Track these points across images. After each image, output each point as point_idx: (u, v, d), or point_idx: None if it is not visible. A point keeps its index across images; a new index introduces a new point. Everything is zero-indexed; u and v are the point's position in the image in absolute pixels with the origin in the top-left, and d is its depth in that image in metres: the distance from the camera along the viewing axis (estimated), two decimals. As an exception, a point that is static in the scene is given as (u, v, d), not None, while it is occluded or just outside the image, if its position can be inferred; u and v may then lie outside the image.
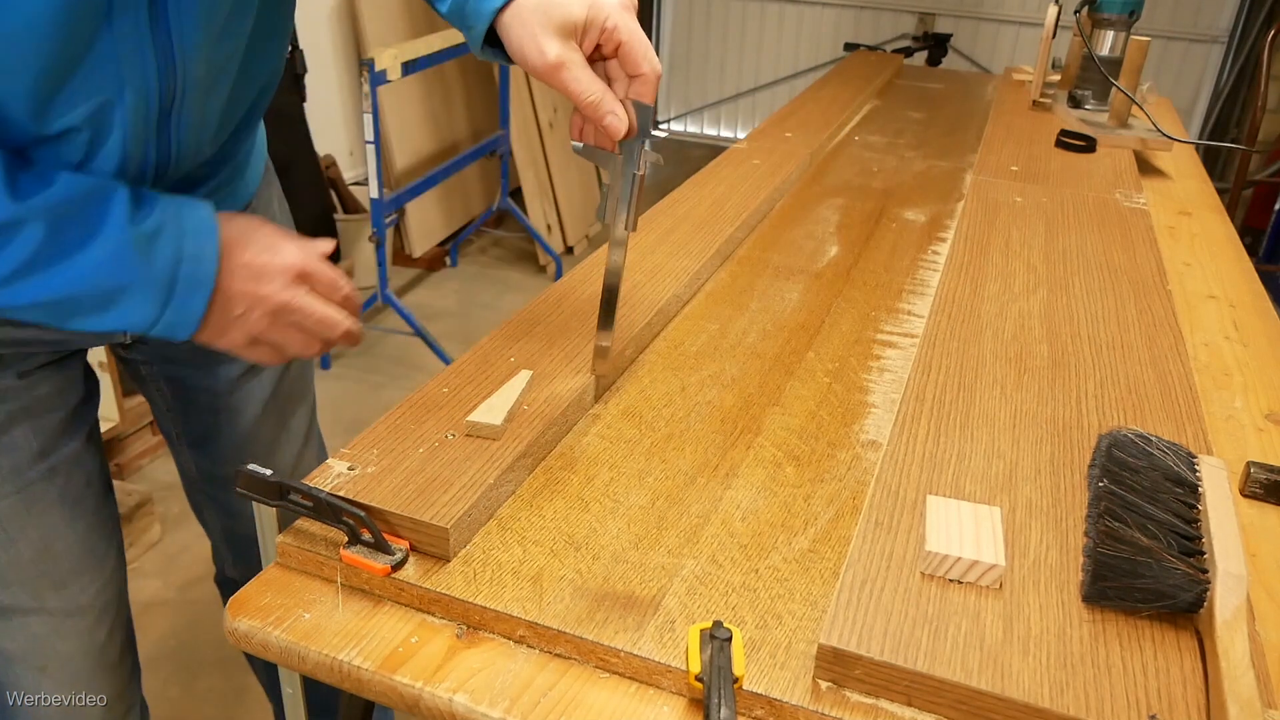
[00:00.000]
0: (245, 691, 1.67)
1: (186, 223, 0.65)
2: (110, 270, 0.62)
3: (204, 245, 0.65)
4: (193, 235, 0.65)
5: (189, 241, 0.65)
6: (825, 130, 1.64)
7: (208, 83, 0.71)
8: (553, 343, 0.85)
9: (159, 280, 0.64)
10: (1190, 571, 0.56)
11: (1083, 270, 1.06)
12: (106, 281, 0.62)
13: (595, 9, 0.67)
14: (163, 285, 0.64)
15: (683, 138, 5.32)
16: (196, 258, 0.65)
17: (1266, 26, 3.89)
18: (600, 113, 0.68)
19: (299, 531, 0.65)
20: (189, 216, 0.66)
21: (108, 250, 0.61)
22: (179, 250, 0.64)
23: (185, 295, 0.65)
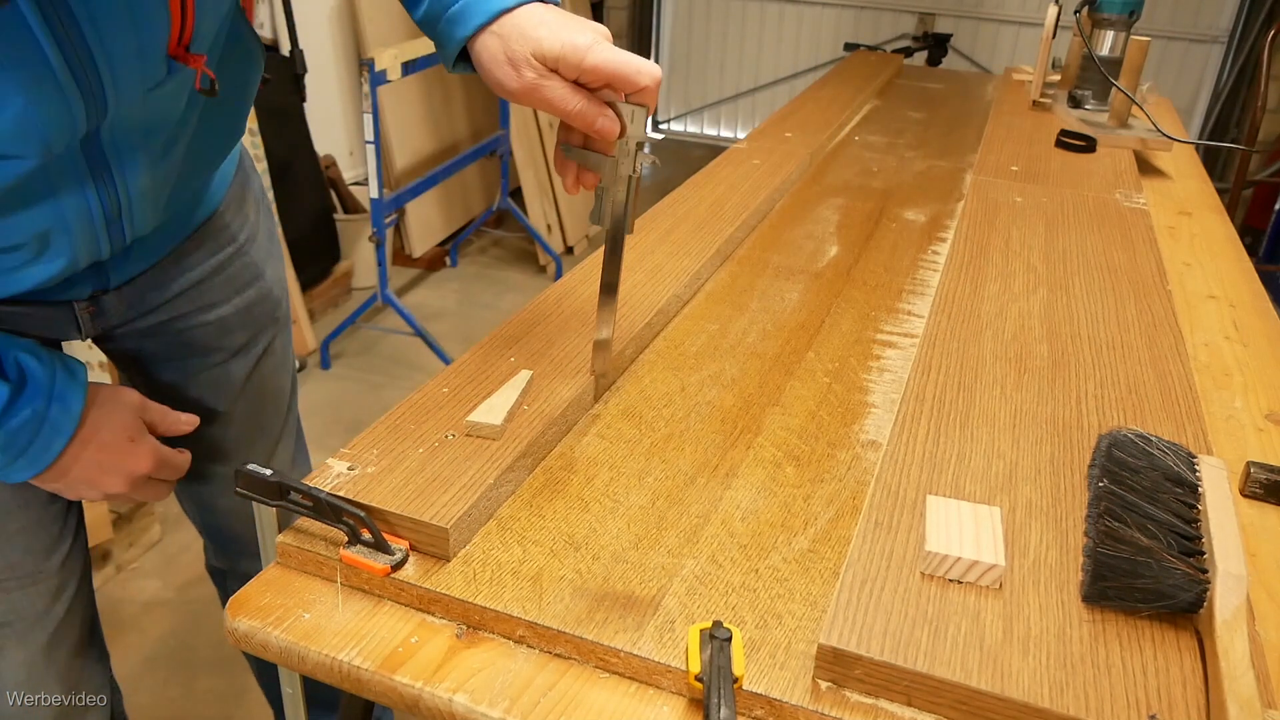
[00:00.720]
0: (245, 691, 1.67)
1: (50, 411, 0.72)
2: None
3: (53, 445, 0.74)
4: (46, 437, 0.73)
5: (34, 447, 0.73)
6: (825, 130, 1.64)
7: (154, 188, 0.75)
8: (553, 343, 0.85)
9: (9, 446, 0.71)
10: (1190, 571, 0.56)
11: (1083, 270, 1.06)
12: None
13: (570, 49, 0.65)
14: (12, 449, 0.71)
15: (683, 138, 5.32)
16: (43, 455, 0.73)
17: (1266, 26, 3.89)
18: (589, 120, 0.67)
19: (299, 531, 0.65)
20: (54, 407, 0.73)
21: None
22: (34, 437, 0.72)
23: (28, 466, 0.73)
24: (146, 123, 0.70)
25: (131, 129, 0.69)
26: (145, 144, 0.71)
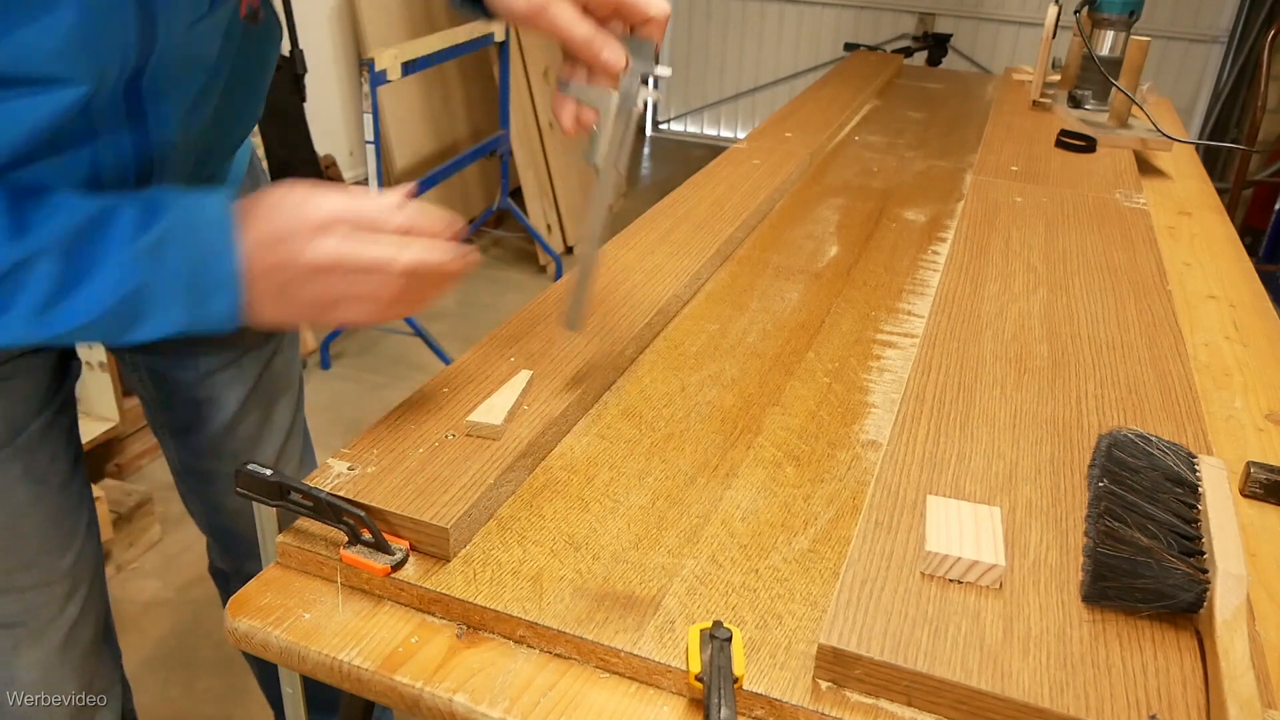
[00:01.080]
0: (245, 692, 1.67)
1: (198, 220, 0.63)
2: (124, 288, 0.61)
3: (218, 239, 0.63)
4: (206, 230, 0.63)
5: (203, 237, 0.63)
6: (825, 130, 1.64)
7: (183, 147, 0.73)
8: (553, 343, 0.85)
9: (179, 285, 0.62)
10: (1190, 571, 0.56)
11: (1083, 270, 1.06)
12: (126, 300, 0.62)
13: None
14: (185, 289, 0.63)
15: (683, 138, 5.32)
16: (214, 254, 0.63)
17: (1266, 26, 3.89)
18: (594, 49, 0.65)
19: (299, 531, 0.65)
20: (199, 214, 0.64)
21: (115, 272, 0.61)
22: (193, 250, 0.63)
23: (212, 292, 0.63)
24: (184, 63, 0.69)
25: (170, 71, 0.68)
26: (179, 92, 0.69)
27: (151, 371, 0.95)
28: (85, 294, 0.61)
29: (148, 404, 1.00)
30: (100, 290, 0.61)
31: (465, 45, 2.82)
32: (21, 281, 0.59)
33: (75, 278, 0.60)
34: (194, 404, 0.96)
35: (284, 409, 1.05)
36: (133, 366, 0.96)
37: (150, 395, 0.98)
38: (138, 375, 0.96)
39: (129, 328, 0.63)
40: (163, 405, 0.98)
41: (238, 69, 0.76)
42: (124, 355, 0.95)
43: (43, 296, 0.60)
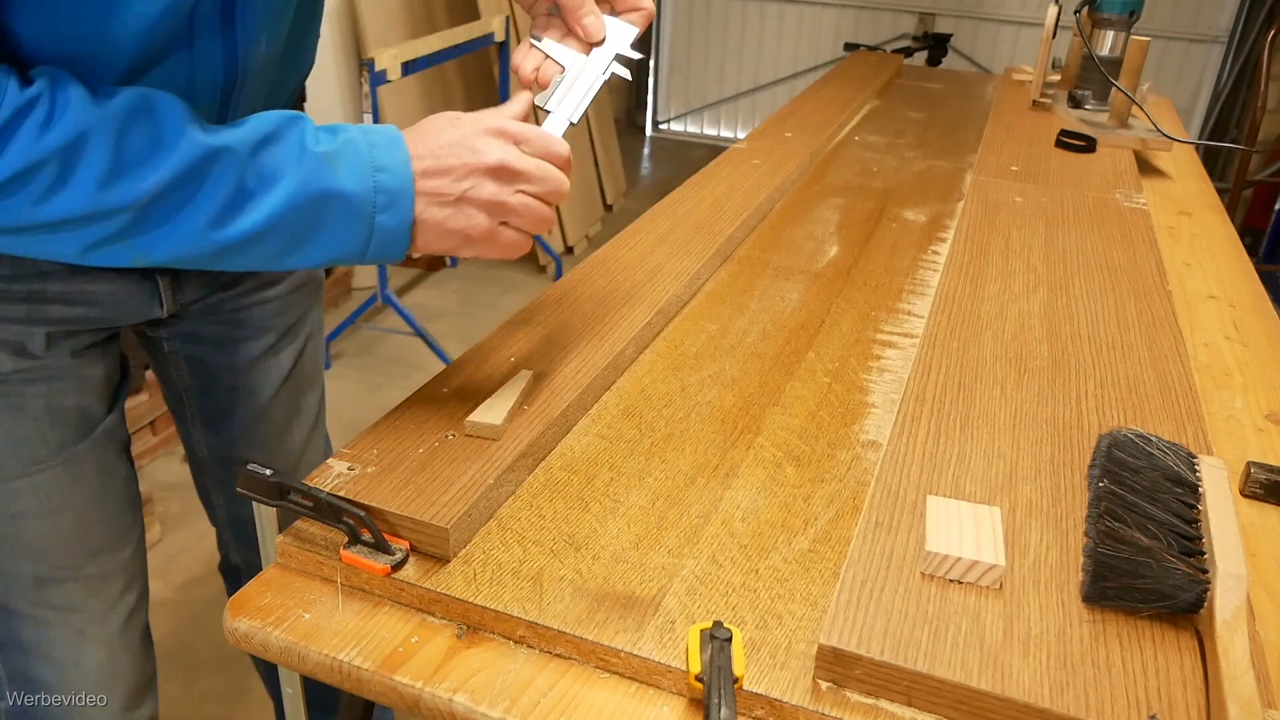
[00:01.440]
0: (245, 691, 1.67)
1: (373, 137, 0.65)
2: (302, 195, 0.62)
3: (393, 153, 0.65)
4: (381, 146, 0.65)
5: (378, 152, 0.64)
6: (825, 130, 1.64)
7: (260, 71, 0.74)
8: (553, 343, 0.85)
9: (354, 198, 0.64)
10: (1190, 571, 0.56)
11: (1083, 270, 1.06)
12: (301, 209, 0.62)
13: None
14: (363, 199, 0.64)
15: (683, 138, 5.32)
16: (389, 167, 0.64)
17: (1266, 26, 3.89)
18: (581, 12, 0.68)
19: (299, 531, 0.65)
20: (374, 132, 0.66)
21: (294, 179, 0.62)
22: (368, 162, 0.64)
23: (388, 204, 0.64)
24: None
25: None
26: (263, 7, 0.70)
27: (191, 360, 0.97)
28: (263, 200, 0.61)
29: (180, 394, 1.01)
30: (278, 196, 0.62)
31: (465, 45, 2.82)
32: (202, 183, 0.60)
33: (255, 182, 0.61)
34: (231, 391, 0.98)
35: (312, 398, 1.07)
36: (171, 356, 0.97)
37: (186, 384, 0.99)
38: (175, 362, 0.98)
39: (299, 244, 0.64)
40: (198, 393, 1.00)
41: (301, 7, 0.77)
42: (162, 345, 0.96)
43: (222, 201, 0.60)
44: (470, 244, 0.67)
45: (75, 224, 0.59)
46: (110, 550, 0.86)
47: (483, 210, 0.66)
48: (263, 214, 0.62)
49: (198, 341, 0.95)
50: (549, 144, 0.67)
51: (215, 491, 1.10)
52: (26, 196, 0.56)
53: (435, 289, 3.36)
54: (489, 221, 0.66)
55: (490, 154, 0.65)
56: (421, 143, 0.65)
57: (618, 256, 1.06)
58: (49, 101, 0.56)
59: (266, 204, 0.61)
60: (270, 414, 1.01)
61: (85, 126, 0.56)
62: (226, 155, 0.60)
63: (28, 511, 0.80)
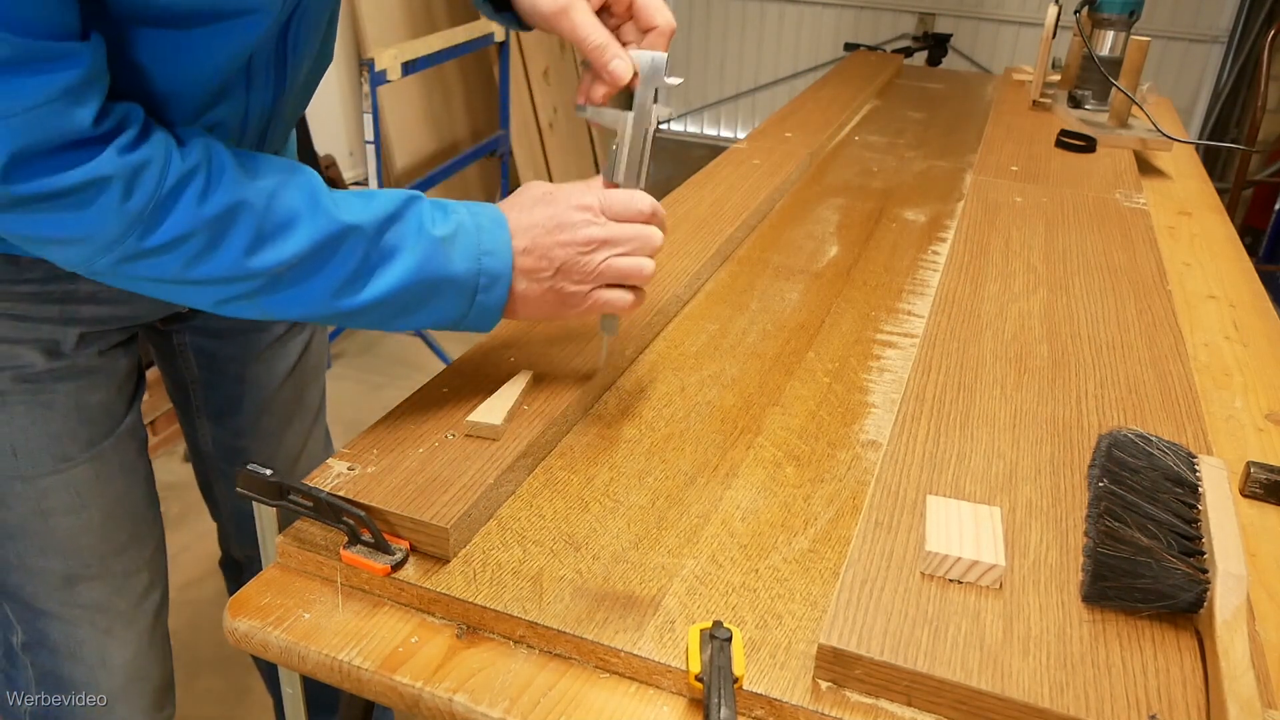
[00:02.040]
0: (245, 691, 1.67)
1: (482, 219, 0.70)
2: (418, 275, 0.67)
3: (498, 236, 0.70)
4: (488, 230, 0.70)
5: (485, 236, 0.70)
6: (825, 130, 1.64)
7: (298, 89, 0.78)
8: (553, 343, 0.85)
9: (464, 276, 0.69)
10: (1190, 571, 0.56)
11: (1083, 270, 1.06)
12: (414, 286, 0.68)
13: None
14: (469, 279, 0.69)
15: (683, 138, 5.32)
16: (494, 250, 0.70)
17: (1266, 26, 3.89)
18: (605, 57, 0.68)
19: (299, 531, 0.65)
20: (483, 213, 0.71)
21: (412, 258, 0.67)
22: (477, 245, 0.69)
23: (489, 284, 0.70)
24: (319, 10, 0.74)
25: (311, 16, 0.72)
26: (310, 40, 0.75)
27: (200, 352, 0.98)
28: (383, 275, 0.67)
29: (187, 387, 1.02)
30: (396, 273, 0.67)
31: (465, 45, 2.82)
32: (331, 256, 0.65)
33: (380, 258, 0.67)
34: (238, 382, 0.99)
35: (314, 391, 1.08)
36: (181, 350, 0.98)
37: (194, 377, 1.00)
38: (184, 356, 0.99)
39: (406, 314, 0.70)
40: (205, 385, 1.01)
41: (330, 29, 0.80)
42: (173, 338, 0.97)
43: (347, 273, 0.66)
44: (569, 309, 0.73)
45: (216, 283, 0.64)
46: (135, 547, 0.88)
47: (578, 282, 0.72)
48: (381, 288, 0.67)
49: (210, 335, 0.96)
50: (630, 203, 0.72)
51: (218, 485, 1.10)
52: (179, 257, 0.61)
53: (435, 289, 3.35)
54: (584, 289, 0.72)
55: (579, 231, 0.70)
56: (519, 220, 0.71)
57: (618, 256, 1.06)
58: (206, 172, 0.61)
59: (386, 279, 0.67)
60: (275, 406, 1.02)
61: (238, 198, 0.61)
62: (356, 233, 0.65)
63: (57, 508, 0.81)
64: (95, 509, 0.83)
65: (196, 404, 1.02)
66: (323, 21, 0.77)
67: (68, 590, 0.84)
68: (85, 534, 0.83)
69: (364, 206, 0.67)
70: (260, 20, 0.64)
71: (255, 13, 0.64)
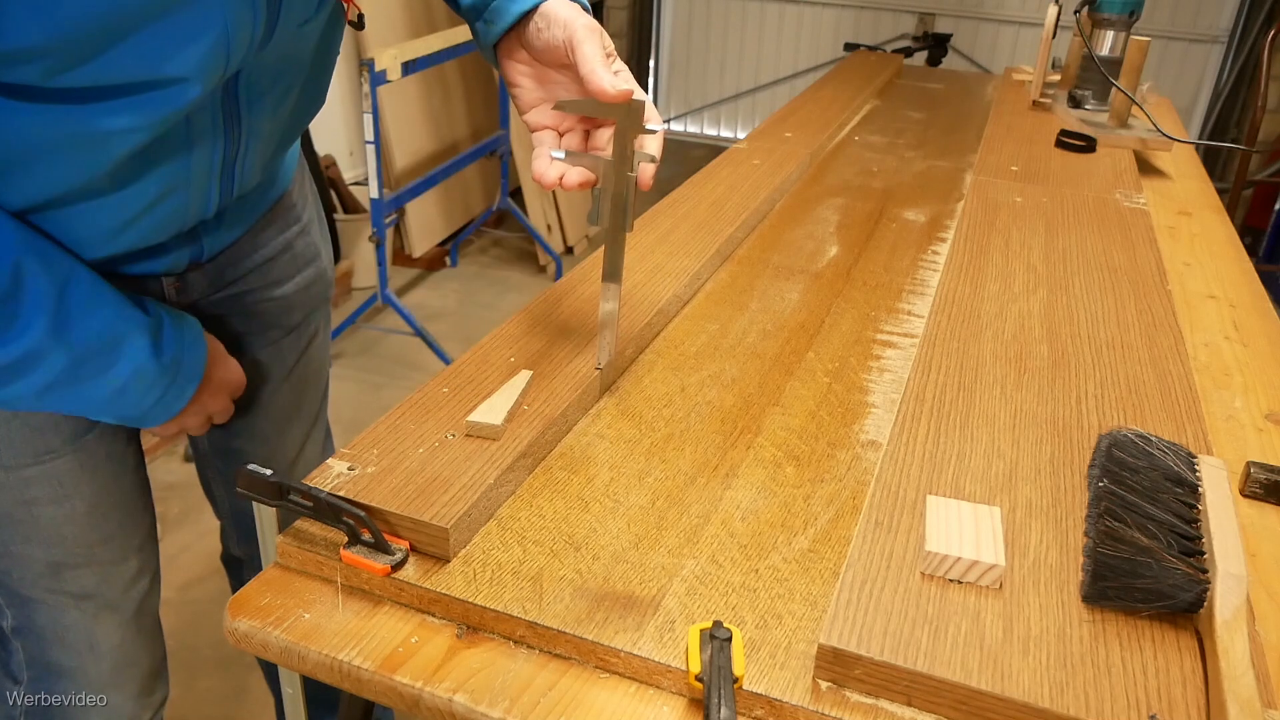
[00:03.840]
0: (245, 691, 1.67)
1: (185, 336, 0.78)
2: (116, 400, 0.73)
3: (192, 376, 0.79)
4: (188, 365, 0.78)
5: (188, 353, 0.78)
6: (825, 130, 1.64)
7: (266, 135, 0.78)
8: (553, 343, 0.85)
9: (155, 395, 0.76)
10: (1190, 571, 0.56)
11: (1083, 270, 1.06)
12: (110, 401, 0.73)
13: None
14: (158, 400, 0.76)
15: (683, 138, 5.32)
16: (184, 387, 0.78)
17: (1266, 26, 3.89)
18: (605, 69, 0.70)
19: (299, 531, 0.65)
20: (187, 332, 0.78)
21: (114, 384, 0.72)
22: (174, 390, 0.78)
23: (171, 403, 0.78)
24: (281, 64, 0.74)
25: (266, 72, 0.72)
26: (273, 93, 0.75)
27: None
28: (85, 392, 0.71)
29: None
30: (96, 394, 0.72)
31: (465, 45, 2.82)
32: (33, 367, 0.67)
33: (82, 377, 0.70)
34: None
35: (313, 396, 1.08)
36: None
37: None
38: None
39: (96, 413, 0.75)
40: None
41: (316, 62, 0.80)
42: None
43: (47, 382, 0.68)
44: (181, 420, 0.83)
45: None
46: (122, 536, 0.88)
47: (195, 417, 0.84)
48: (80, 403, 0.73)
49: None
50: None
51: (217, 484, 1.11)
52: None
53: (435, 289, 3.36)
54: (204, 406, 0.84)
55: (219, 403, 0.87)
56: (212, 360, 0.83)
57: (618, 256, 1.06)
58: None
59: (85, 395, 0.72)
60: (271, 409, 1.02)
61: None
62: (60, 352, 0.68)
63: (40, 498, 0.81)
64: (79, 499, 0.83)
65: None
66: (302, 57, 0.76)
67: (54, 577, 0.84)
68: (69, 523, 0.83)
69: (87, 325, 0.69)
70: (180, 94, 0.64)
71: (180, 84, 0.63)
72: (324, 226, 1.05)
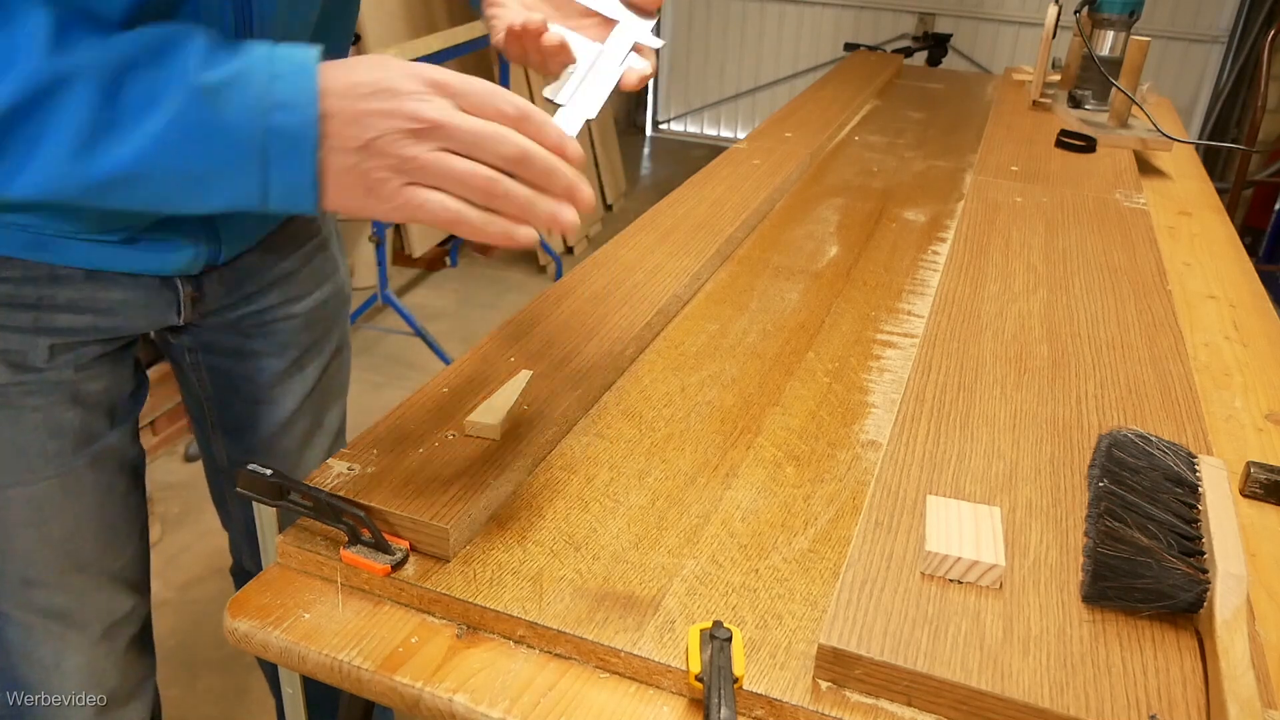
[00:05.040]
0: (245, 691, 1.67)
1: (277, 65, 0.54)
2: (178, 132, 0.53)
3: (298, 86, 0.53)
4: (285, 78, 0.53)
5: (280, 85, 0.53)
6: (825, 130, 1.64)
7: None
8: (553, 343, 0.85)
9: (245, 137, 0.53)
10: (1190, 571, 0.56)
11: (1083, 270, 1.06)
12: (181, 148, 0.53)
13: None
14: (252, 142, 0.53)
15: (683, 138, 5.32)
16: (289, 103, 0.53)
17: (1266, 26, 3.89)
18: None
19: (299, 531, 0.65)
20: (281, 58, 0.54)
21: (168, 111, 0.52)
22: (264, 97, 0.53)
23: (285, 150, 0.54)
24: None
25: None
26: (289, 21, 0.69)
27: (212, 370, 0.95)
28: (133, 133, 0.53)
29: (201, 401, 1.00)
30: (150, 131, 0.53)
31: (465, 45, 2.82)
32: (55, 107, 0.52)
33: (122, 111, 0.53)
34: (253, 404, 0.97)
35: (335, 413, 1.06)
36: (193, 366, 0.96)
37: (207, 393, 0.98)
38: (196, 372, 0.97)
39: (191, 189, 0.56)
40: (218, 404, 0.98)
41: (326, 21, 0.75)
42: (184, 355, 0.95)
43: (83, 129, 0.52)
44: (377, 201, 0.55)
45: None
46: (99, 563, 0.85)
47: (389, 167, 0.54)
48: (125, 154, 0.53)
49: (219, 353, 0.94)
50: (490, 97, 0.54)
51: (232, 499, 1.09)
52: None
53: (435, 289, 3.36)
54: (394, 181, 0.54)
55: (406, 102, 0.53)
56: (335, 78, 0.54)
57: (618, 256, 1.06)
58: None
59: (129, 142, 0.53)
60: (293, 428, 1.00)
61: None
62: (74, 82, 0.52)
63: (16, 520, 0.79)
64: (57, 524, 0.80)
65: (210, 420, 1.00)
66: None
67: (25, 594, 0.82)
68: (44, 546, 0.81)
69: (106, 45, 0.53)
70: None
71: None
72: (341, 242, 1.02)
